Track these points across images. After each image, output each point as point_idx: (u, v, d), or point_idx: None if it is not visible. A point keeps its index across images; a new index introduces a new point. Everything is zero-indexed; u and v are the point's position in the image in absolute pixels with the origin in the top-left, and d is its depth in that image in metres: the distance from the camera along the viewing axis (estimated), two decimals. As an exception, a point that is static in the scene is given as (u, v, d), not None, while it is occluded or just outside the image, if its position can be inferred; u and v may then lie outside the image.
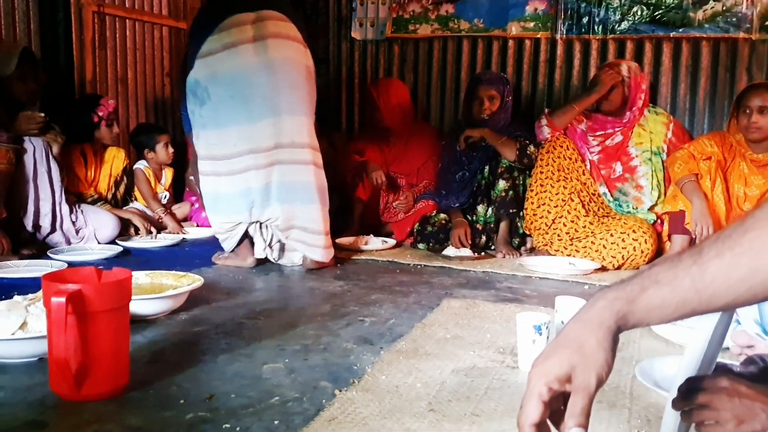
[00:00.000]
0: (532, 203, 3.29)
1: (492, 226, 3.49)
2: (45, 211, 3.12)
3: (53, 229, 3.18)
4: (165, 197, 3.92)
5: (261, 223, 2.91)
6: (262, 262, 2.99)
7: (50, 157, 3.13)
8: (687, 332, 1.78)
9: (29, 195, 3.08)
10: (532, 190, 3.31)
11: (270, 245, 2.95)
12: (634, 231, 3.07)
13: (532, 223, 3.32)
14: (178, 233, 3.66)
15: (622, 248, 3.06)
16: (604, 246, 3.10)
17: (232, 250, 2.96)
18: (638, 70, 3.46)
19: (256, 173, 2.80)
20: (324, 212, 2.91)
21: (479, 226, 3.49)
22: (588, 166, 3.37)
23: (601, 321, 0.77)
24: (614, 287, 0.80)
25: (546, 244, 3.27)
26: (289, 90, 2.80)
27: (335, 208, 3.89)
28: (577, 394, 0.75)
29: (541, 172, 3.29)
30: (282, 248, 2.96)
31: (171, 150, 3.89)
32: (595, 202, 3.30)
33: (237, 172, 2.80)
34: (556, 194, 3.24)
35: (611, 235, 3.10)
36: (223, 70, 2.73)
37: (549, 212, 3.24)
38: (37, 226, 3.14)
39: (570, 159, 3.30)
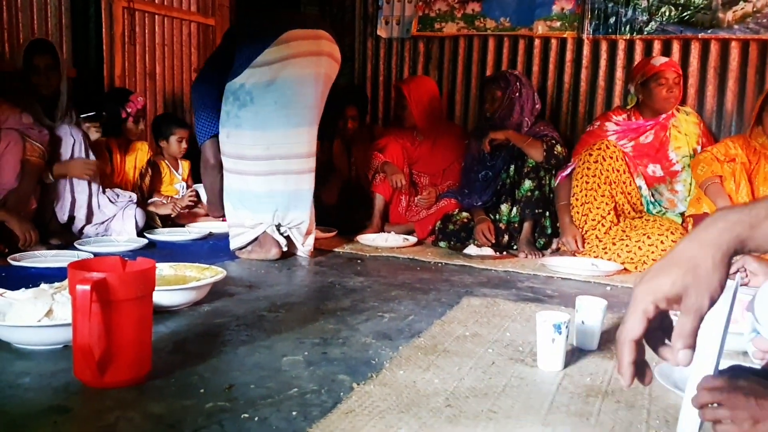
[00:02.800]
0: (578, 212, 3.25)
1: (515, 225, 3.47)
2: (81, 203, 3.22)
3: (88, 221, 3.26)
4: (183, 187, 3.97)
5: (278, 226, 3.01)
6: (285, 257, 3.02)
7: (89, 150, 3.21)
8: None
9: (66, 186, 3.16)
10: (576, 199, 3.26)
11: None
12: (672, 233, 3.02)
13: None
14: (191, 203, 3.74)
15: (662, 251, 2.98)
16: (639, 248, 3.04)
17: (244, 247, 3.01)
18: None
19: (287, 177, 2.93)
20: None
21: (502, 225, 3.47)
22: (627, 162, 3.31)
23: (719, 243, 0.75)
24: (736, 210, 0.78)
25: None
26: (321, 102, 2.98)
27: (355, 204, 3.92)
28: (687, 314, 0.73)
29: (587, 182, 3.23)
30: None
31: (184, 146, 3.92)
32: (631, 204, 3.27)
33: (264, 174, 2.91)
34: (597, 208, 3.20)
35: (648, 237, 3.04)
36: (276, 78, 2.82)
37: (586, 222, 3.22)
38: (72, 217, 3.22)
39: (618, 171, 3.24)
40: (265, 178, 2.92)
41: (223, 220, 3.80)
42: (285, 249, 3.03)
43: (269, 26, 2.89)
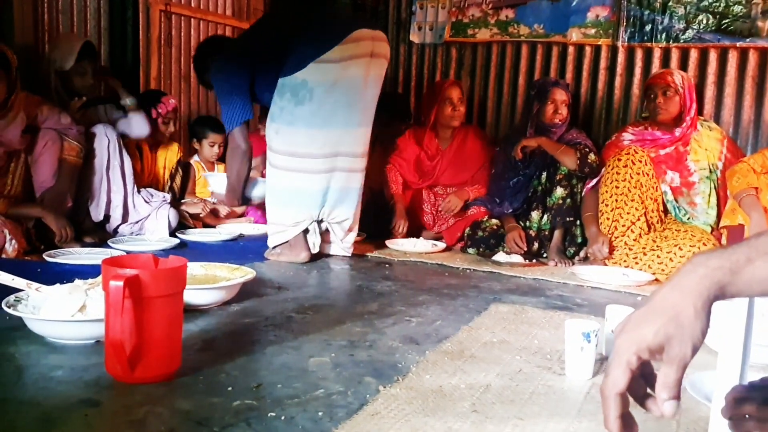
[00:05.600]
0: (608, 218, 3.21)
1: (546, 233, 3.44)
2: (116, 203, 3.28)
3: (124, 221, 3.32)
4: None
5: (320, 221, 3.03)
6: (314, 259, 3.03)
7: (123, 150, 3.27)
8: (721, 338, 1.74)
9: (101, 186, 3.23)
10: (606, 204, 3.23)
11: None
12: (704, 244, 2.98)
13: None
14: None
15: None
16: (671, 259, 3.00)
17: (279, 245, 3.01)
18: (689, 79, 3.37)
19: (339, 175, 2.96)
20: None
21: (532, 233, 3.44)
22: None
23: (700, 290, 0.74)
24: (716, 254, 0.77)
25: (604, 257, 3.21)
26: (374, 103, 3.02)
27: (385, 208, 3.91)
28: (671, 365, 0.72)
29: (617, 187, 3.19)
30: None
31: (216, 151, 3.95)
32: (659, 212, 3.22)
33: (318, 172, 2.92)
34: (628, 213, 3.16)
35: (679, 248, 3.00)
36: (340, 77, 2.82)
37: (616, 228, 3.18)
38: (107, 216, 3.28)
39: (647, 175, 3.20)
40: (318, 176, 2.92)
41: (237, 212, 3.83)
42: (316, 251, 3.04)
43: (338, 23, 2.90)
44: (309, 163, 2.90)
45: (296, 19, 3.02)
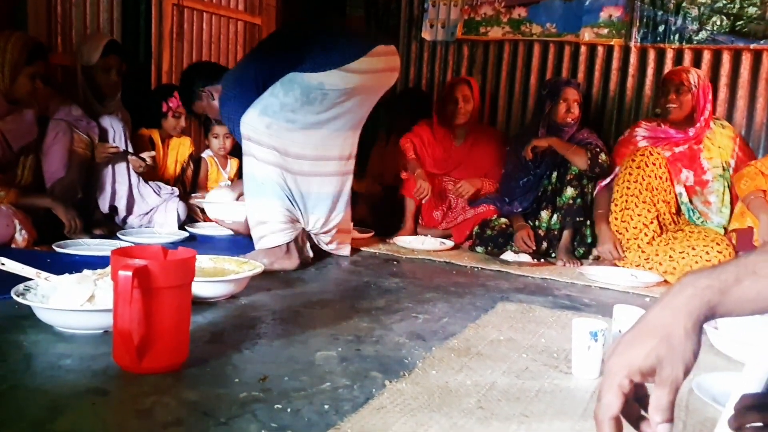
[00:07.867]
0: (616, 218, 3.19)
1: (555, 233, 3.43)
2: (121, 194, 3.29)
3: (129, 212, 3.33)
4: (228, 186, 4.01)
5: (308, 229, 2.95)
6: (320, 257, 3.02)
7: (128, 141, 3.28)
8: (749, 349, 1.73)
9: (107, 177, 3.25)
10: (616, 204, 3.21)
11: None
12: (717, 244, 2.95)
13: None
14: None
15: (706, 261, 2.92)
16: (683, 257, 2.98)
17: (274, 247, 2.82)
18: (706, 78, 3.31)
19: (325, 179, 2.89)
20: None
21: (541, 232, 3.43)
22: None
23: (690, 310, 0.74)
24: (705, 274, 0.77)
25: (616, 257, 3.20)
26: (370, 109, 2.97)
27: (389, 206, 3.91)
28: (663, 387, 0.72)
29: (628, 188, 3.17)
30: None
31: (222, 142, 3.91)
32: (671, 215, 3.20)
33: (308, 174, 2.83)
34: (639, 215, 3.14)
35: (692, 248, 2.99)
36: (356, 87, 2.76)
37: (627, 230, 3.16)
38: (113, 207, 3.30)
39: (660, 178, 3.17)
40: (309, 178, 2.84)
41: None
42: (311, 255, 2.97)
43: (362, 35, 2.87)
44: (300, 164, 2.80)
45: (314, 23, 2.97)
